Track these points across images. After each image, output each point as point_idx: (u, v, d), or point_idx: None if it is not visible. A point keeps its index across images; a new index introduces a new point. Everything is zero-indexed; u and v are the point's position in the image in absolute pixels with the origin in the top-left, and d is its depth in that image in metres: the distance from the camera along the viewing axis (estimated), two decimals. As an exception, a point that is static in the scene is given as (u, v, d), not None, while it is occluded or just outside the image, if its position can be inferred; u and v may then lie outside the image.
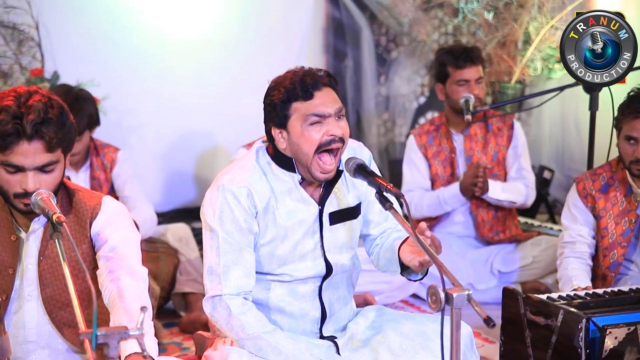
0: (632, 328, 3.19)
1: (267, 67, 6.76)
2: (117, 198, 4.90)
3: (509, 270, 4.96)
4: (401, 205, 2.86)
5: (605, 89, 4.22)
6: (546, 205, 6.47)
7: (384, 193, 2.90)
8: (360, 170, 3.01)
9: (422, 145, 5.07)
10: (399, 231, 3.37)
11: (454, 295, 2.54)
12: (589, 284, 3.85)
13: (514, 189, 4.95)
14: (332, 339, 3.22)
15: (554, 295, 3.56)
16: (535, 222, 5.69)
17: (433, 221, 5.12)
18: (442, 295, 2.55)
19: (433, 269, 4.66)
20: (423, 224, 2.88)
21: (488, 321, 2.52)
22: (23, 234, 2.99)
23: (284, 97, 3.04)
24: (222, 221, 3.04)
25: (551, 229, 5.43)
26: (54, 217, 2.63)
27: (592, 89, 4.26)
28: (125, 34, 6.34)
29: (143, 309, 2.33)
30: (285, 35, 6.89)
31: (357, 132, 7.05)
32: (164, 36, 6.44)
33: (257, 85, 6.54)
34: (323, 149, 3.02)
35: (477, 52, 4.97)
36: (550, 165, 6.84)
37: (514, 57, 6.64)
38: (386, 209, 2.88)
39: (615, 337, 3.16)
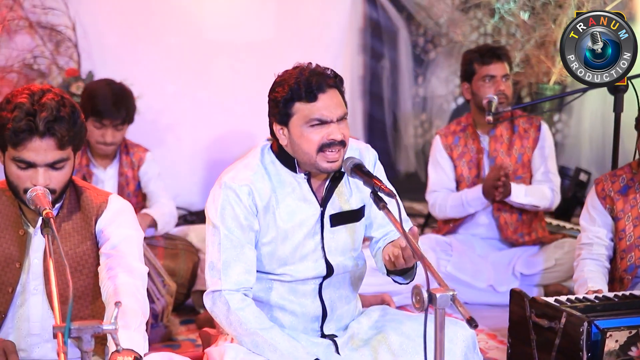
0: (634, 331, 3.15)
1: (304, 66, 6.84)
2: (143, 195, 5.01)
3: (531, 272, 4.92)
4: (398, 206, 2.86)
5: (631, 90, 4.18)
6: (581, 208, 6.38)
7: (379, 193, 2.91)
8: (357, 169, 3.01)
9: (448, 146, 5.05)
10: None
11: (437, 295, 2.54)
12: (604, 286, 3.80)
13: (538, 192, 4.89)
14: (332, 337, 3.24)
15: (562, 297, 3.54)
16: (568, 225, 5.63)
17: (457, 222, 5.10)
18: (425, 295, 2.56)
19: (451, 269, 4.72)
20: (414, 229, 2.88)
21: (470, 322, 2.52)
22: (31, 229, 3.05)
23: (287, 95, 3.04)
24: (224, 218, 3.08)
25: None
26: (44, 213, 2.69)
27: (617, 91, 4.22)
28: (162, 34, 6.44)
29: (117, 304, 2.38)
30: (322, 35, 6.93)
31: (394, 133, 7.07)
32: (200, 36, 6.53)
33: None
34: (324, 148, 3.04)
35: (504, 50, 4.95)
36: (590, 167, 6.76)
37: (553, 57, 6.58)
38: (380, 209, 2.88)
39: (616, 340, 3.13)
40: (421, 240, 5.09)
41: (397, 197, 2.86)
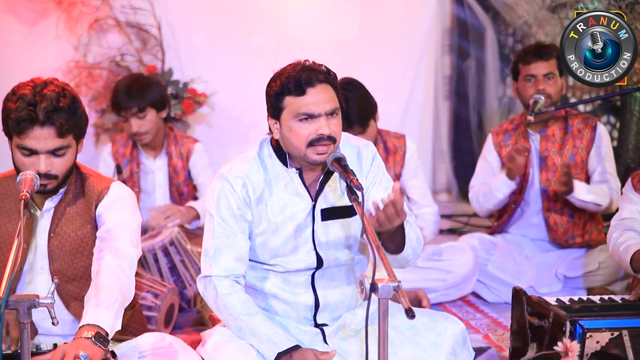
0: (617, 333, 3.10)
1: (388, 66, 6.93)
2: (194, 185, 5.19)
3: (573, 275, 4.82)
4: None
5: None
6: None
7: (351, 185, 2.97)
8: (336, 162, 3.07)
9: (497, 144, 5.02)
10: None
11: (379, 285, 2.61)
12: None
13: (600, 191, 4.76)
14: (324, 326, 3.31)
15: (565, 298, 3.50)
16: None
17: (503, 219, 5.06)
18: (367, 284, 2.63)
19: (492, 269, 4.71)
20: (397, 184, 2.96)
21: (407, 312, 2.58)
22: (38, 212, 3.28)
23: (278, 90, 3.12)
24: (219, 207, 3.20)
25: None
26: (20, 195, 2.89)
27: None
28: (247, 33, 6.65)
29: (54, 280, 2.55)
30: (406, 35, 6.98)
31: (479, 132, 7.04)
32: (284, 35, 6.70)
33: (378, 84, 6.74)
34: (314, 143, 3.11)
35: (549, 48, 4.85)
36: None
37: (640, 58, 6.39)
38: (351, 201, 2.94)
39: (597, 342, 3.08)
40: (464, 239, 5.10)
41: (363, 190, 2.92)
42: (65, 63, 6.15)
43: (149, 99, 4.91)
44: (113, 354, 2.98)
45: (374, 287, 2.62)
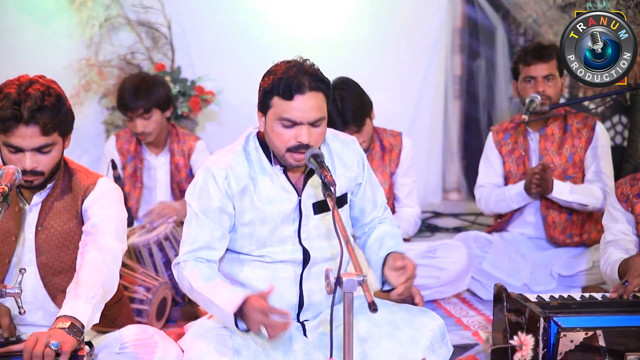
0: (591, 333, 3.11)
1: (398, 66, 6.96)
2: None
3: (569, 274, 4.82)
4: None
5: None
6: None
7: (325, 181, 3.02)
8: (313, 159, 3.11)
9: (498, 142, 5.04)
10: (381, 223, 3.53)
11: (344, 279, 2.66)
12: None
13: (586, 191, 4.77)
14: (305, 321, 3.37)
15: (546, 295, 3.53)
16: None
17: (504, 218, 5.08)
18: (332, 278, 2.68)
19: (487, 266, 4.72)
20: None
21: (370, 306, 2.63)
22: (26, 206, 3.36)
23: (268, 87, 3.15)
24: (199, 198, 3.25)
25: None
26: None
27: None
28: (258, 32, 6.70)
29: (21, 270, 2.62)
30: (416, 35, 6.99)
31: (489, 132, 7.03)
32: (295, 35, 6.74)
33: (388, 84, 6.79)
34: (292, 150, 3.15)
35: (549, 49, 4.84)
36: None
37: (649, 58, 6.37)
38: (325, 197, 2.99)
39: (571, 341, 3.09)
40: (459, 236, 5.13)
41: (335, 187, 2.97)
42: (77, 61, 6.23)
43: (155, 99, 4.98)
44: (90, 344, 3.05)
45: (339, 281, 2.68)
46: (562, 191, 4.73)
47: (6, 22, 6.35)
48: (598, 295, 3.59)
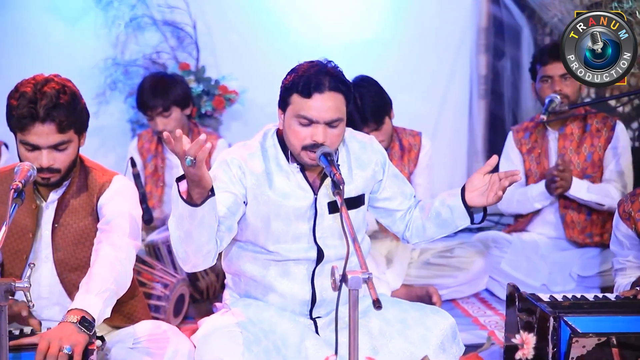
0: (604, 339, 3.10)
1: (423, 66, 6.96)
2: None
3: (587, 274, 4.80)
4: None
5: None
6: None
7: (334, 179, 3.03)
8: (324, 157, 3.13)
9: (518, 141, 5.05)
10: (419, 203, 3.56)
11: (350, 276, 2.67)
12: None
13: (602, 190, 4.76)
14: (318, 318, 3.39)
15: (559, 295, 3.52)
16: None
17: (524, 218, 5.07)
18: (338, 276, 2.70)
19: (505, 267, 4.72)
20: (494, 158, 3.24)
21: (374, 303, 2.64)
22: (43, 203, 3.42)
23: (288, 84, 3.19)
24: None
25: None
26: (13, 184, 3.02)
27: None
28: (283, 32, 6.72)
29: (30, 265, 2.67)
30: (442, 34, 6.97)
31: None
32: (320, 35, 6.74)
33: (413, 84, 6.79)
34: (307, 149, 3.18)
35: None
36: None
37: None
38: (334, 194, 3.00)
39: (584, 346, 3.09)
40: (477, 237, 5.13)
41: (343, 185, 2.98)
42: (103, 60, 6.30)
43: (173, 97, 5.02)
44: (102, 338, 3.09)
45: (344, 278, 2.69)
46: (579, 189, 4.73)
47: (34, 21, 6.41)
48: (611, 296, 3.58)
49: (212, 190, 2.92)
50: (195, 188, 2.87)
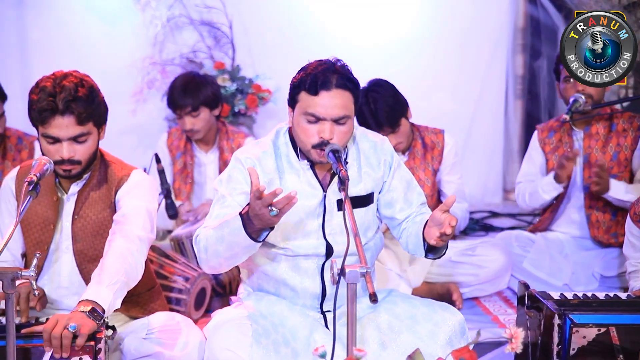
0: (604, 329, 3.11)
1: (459, 65, 6.98)
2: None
3: (610, 274, 4.77)
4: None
5: None
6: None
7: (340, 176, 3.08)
8: (332, 154, 3.17)
9: (542, 140, 5.04)
10: (422, 214, 3.50)
11: (347, 270, 2.72)
12: None
13: (639, 190, 4.75)
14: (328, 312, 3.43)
15: (569, 294, 3.53)
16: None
17: (547, 214, 5.06)
18: (336, 269, 2.75)
19: (527, 266, 4.72)
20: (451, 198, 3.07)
21: (371, 297, 2.69)
22: (64, 195, 3.52)
23: (297, 82, 3.25)
24: (227, 183, 3.31)
25: None
26: (28, 177, 3.11)
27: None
28: (317, 33, 6.79)
29: (36, 254, 2.75)
30: (478, 34, 6.99)
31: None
32: (354, 36, 6.82)
33: (449, 83, 6.81)
34: (317, 147, 3.23)
35: None
36: None
37: None
38: (340, 190, 3.05)
39: (584, 337, 3.10)
40: (501, 235, 5.13)
41: (348, 181, 3.02)
42: (140, 59, 6.41)
43: (202, 98, 5.11)
44: (113, 328, 3.17)
45: (342, 272, 2.74)
46: (618, 191, 4.70)
47: (74, 20, 6.57)
48: (623, 295, 3.58)
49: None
50: (260, 226, 3.03)
